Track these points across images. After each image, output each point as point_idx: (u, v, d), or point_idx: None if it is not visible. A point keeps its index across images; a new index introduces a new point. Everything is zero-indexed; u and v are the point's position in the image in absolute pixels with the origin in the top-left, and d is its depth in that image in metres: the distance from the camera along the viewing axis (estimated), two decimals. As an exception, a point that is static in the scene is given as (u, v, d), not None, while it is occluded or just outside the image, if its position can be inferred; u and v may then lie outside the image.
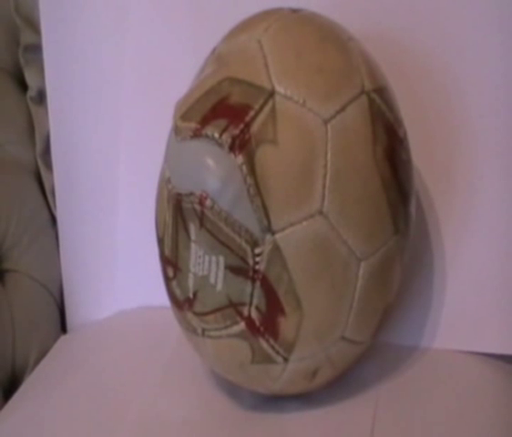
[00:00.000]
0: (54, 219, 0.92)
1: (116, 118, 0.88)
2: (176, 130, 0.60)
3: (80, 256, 0.90)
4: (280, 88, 0.59)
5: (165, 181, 0.62)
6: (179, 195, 0.60)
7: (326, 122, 0.59)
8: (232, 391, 0.71)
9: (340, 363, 0.65)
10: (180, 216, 0.60)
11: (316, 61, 0.61)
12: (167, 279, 0.64)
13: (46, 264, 0.91)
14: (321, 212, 0.58)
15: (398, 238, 0.63)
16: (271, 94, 0.59)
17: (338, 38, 0.65)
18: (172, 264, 0.62)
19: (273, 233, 0.58)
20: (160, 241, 0.64)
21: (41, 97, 0.93)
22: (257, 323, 0.60)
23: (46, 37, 0.90)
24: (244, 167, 0.57)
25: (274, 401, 0.68)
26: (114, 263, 0.89)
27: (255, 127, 0.58)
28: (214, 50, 0.67)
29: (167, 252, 0.63)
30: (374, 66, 0.65)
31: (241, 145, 0.57)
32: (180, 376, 0.75)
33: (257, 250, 0.58)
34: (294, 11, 0.66)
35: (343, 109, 0.60)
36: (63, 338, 0.88)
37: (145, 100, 0.87)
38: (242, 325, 0.60)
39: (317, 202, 0.58)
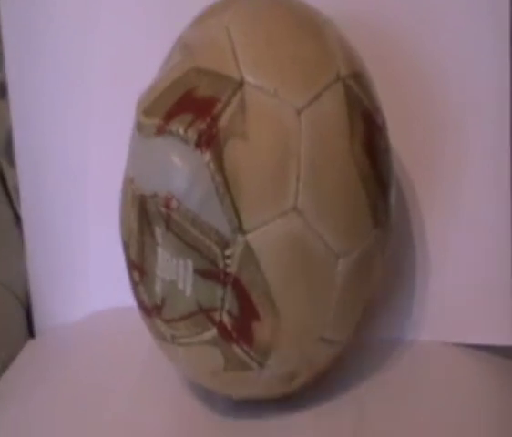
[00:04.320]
0: (18, 218, 0.87)
1: (84, 112, 0.84)
2: (138, 127, 0.57)
3: (48, 255, 0.86)
4: (249, 78, 0.55)
5: (128, 181, 0.59)
6: (143, 196, 0.56)
7: (299, 112, 0.55)
8: (207, 396, 0.67)
9: (319, 365, 0.62)
10: (145, 218, 0.57)
11: (289, 47, 0.57)
12: (133, 284, 0.61)
13: (10, 264, 0.86)
14: (295, 208, 0.55)
15: (378, 232, 0.60)
16: (240, 84, 0.55)
17: (312, 22, 0.61)
18: (138, 268, 0.59)
19: (245, 233, 0.54)
20: (125, 244, 0.61)
21: (2, 91, 0.88)
22: (229, 329, 0.56)
23: (7, 27, 0.84)
24: (212, 165, 0.53)
25: (251, 407, 0.65)
26: (85, 261, 0.85)
27: (223, 121, 0.54)
28: (180, 39, 0.62)
29: (132, 256, 0.59)
30: (351, 51, 0.61)
31: (208, 140, 0.54)
32: (154, 381, 0.72)
33: (228, 252, 0.54)
34: None
35: (317, 98, 0.56)
36: (30, 343, 0.84)
37: (115, 94, 0.82)
38: (214, 331, 0.57)
39: (291, 198, 0.55)
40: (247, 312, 0.56)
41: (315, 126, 0.56)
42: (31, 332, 0.86)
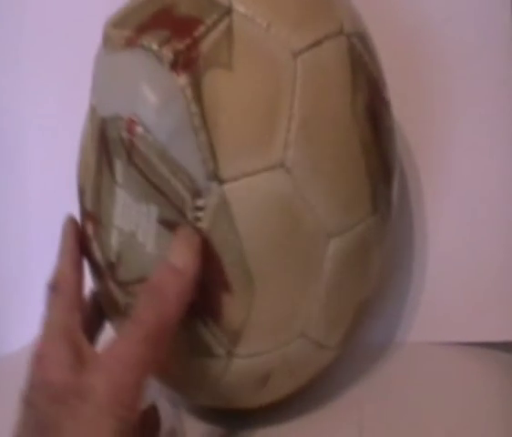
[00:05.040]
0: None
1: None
2: (105, 39, 0.48)
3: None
4: (238, 6, 0.47)
5: (90, 111, 0.50)
6: (104, 121, 0.48)
7: (296, 55, 0.47)
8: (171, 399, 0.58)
9: (298, 369, 0.52)
10: (104, 149, 0.48)
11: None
12: (86, 240, 0.51)
13: None
14: (282, 164, 0.46)
15: (377, 220, 0.51)
16: (228, 11, 0.47)
17: None
18: (92, 218, 0.50)
19: (221, 182, 0.45)
20: (81, 191, 0.52)
21: None
22: (194, 298, 0.47)
23: None
24: (188, 91, 0.45)
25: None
26: (26, 284, 0.76)
27: (205, 45, 0.46)
28: None
29: (87, 204, 0.50)
30: (353, 8, 0.54)
31: (186, 63, 0.45)
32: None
33: (199, 202, 0.45)
34: None
35: (318, 43, 0.48)
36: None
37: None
38: (176, 300, 0.47)
39: (279, 150, 0.46)
40: (216, 280, 0.47)
41: (313, 74, 0.47)
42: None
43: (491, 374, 0.60)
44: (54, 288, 0.49)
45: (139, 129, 0.45)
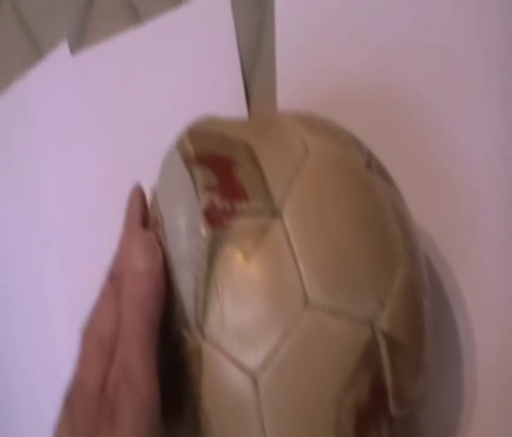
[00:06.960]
0: None
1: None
2: (179, 141, 0.47)
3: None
4: (286, 214, 0.43)
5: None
6: (153, 198, 0.49)
7: (307, 304, 0.42)
8: None
9: None
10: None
11: (347, 246, 0.43)
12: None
13: None
14: (253, 377, 0.42)
15: None
16: (274, 213, 0.43)
17: (386, 236, 0.45)
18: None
19: (203, 337, 0.43)
20: None
21: None
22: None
23: None
24: (204, 245, 0.42)
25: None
26: None
27: (239, 223, 0.42)
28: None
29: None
30: (409, 314, 0.45)
31: (215, 221, 0.42)
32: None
33: (184, 332, 0.44)
34: (369, 166, 0.47)
35: (332, 313, 0.42)
36: None
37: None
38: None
39: (256, 364, 0.42)
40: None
41: (313, 342, 0.42)
42: None
43: None
44: (112, 279, 0.47)
45: (160, 231, 0.47)
